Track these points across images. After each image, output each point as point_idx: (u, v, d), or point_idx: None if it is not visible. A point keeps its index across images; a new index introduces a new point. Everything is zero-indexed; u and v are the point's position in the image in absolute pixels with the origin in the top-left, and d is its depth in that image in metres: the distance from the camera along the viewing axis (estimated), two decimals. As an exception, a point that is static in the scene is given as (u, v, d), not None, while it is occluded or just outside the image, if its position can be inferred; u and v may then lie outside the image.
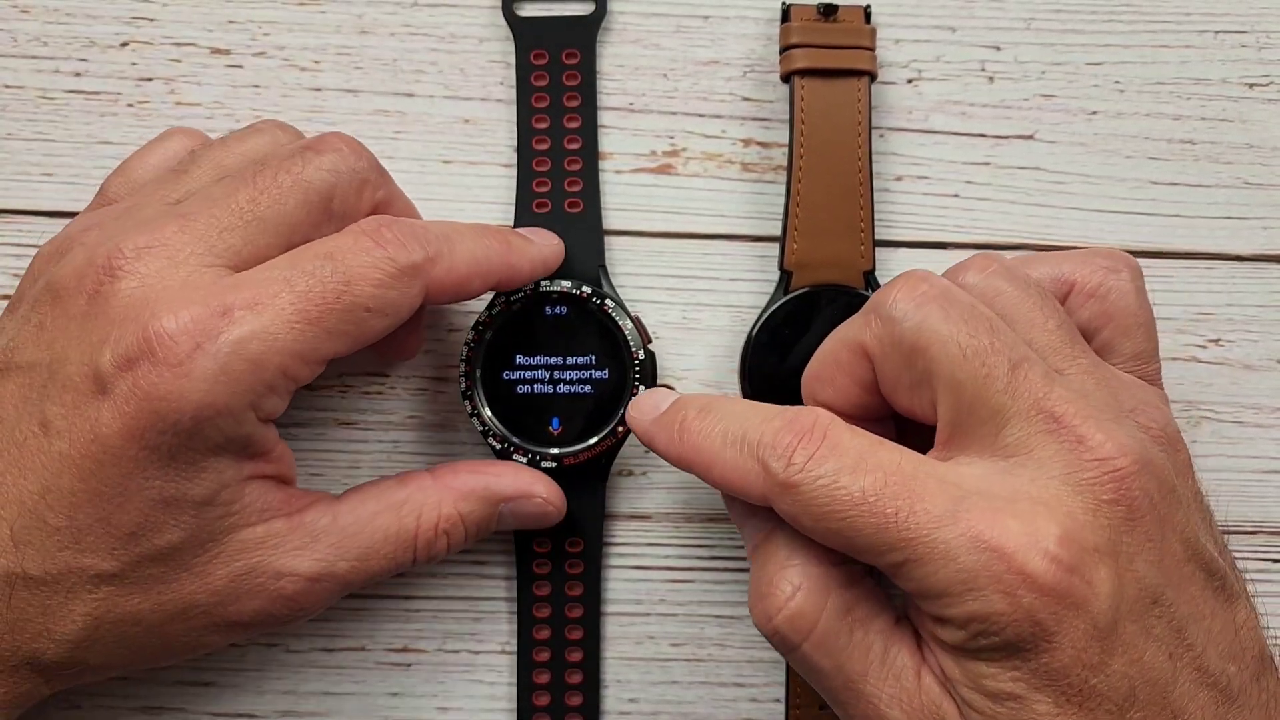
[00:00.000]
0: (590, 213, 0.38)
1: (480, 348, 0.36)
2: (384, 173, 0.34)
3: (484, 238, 0.34)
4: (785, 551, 0.31)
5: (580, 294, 0.36)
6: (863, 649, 0.30)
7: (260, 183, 0.32)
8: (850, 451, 0.29)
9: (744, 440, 0.30)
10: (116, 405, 0.29)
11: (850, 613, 0.30)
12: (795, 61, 0.37)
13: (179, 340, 0.29)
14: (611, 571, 0.38)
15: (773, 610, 0.30)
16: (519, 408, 0.36)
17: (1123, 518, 0.28)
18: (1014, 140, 0.39)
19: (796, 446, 0.29)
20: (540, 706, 0.37)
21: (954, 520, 0.28)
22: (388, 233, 0.32)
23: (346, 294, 0.31)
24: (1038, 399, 0.29)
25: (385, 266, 0.31)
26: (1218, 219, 0.39)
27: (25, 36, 0.39)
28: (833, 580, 0.30)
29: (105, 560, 0.30)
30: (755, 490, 0.30)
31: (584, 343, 0.37)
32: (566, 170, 0.38)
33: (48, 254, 0.33)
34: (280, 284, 0.30)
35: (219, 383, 0.29)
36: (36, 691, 0.32)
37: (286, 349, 0.30)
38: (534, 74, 0.38)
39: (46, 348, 0.31)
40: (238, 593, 0.32)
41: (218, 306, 0.30)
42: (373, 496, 0.34)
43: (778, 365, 0.37)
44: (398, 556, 0.34)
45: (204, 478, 0.30)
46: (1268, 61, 0.40)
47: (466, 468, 0.35)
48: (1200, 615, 0.29)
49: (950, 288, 0.31)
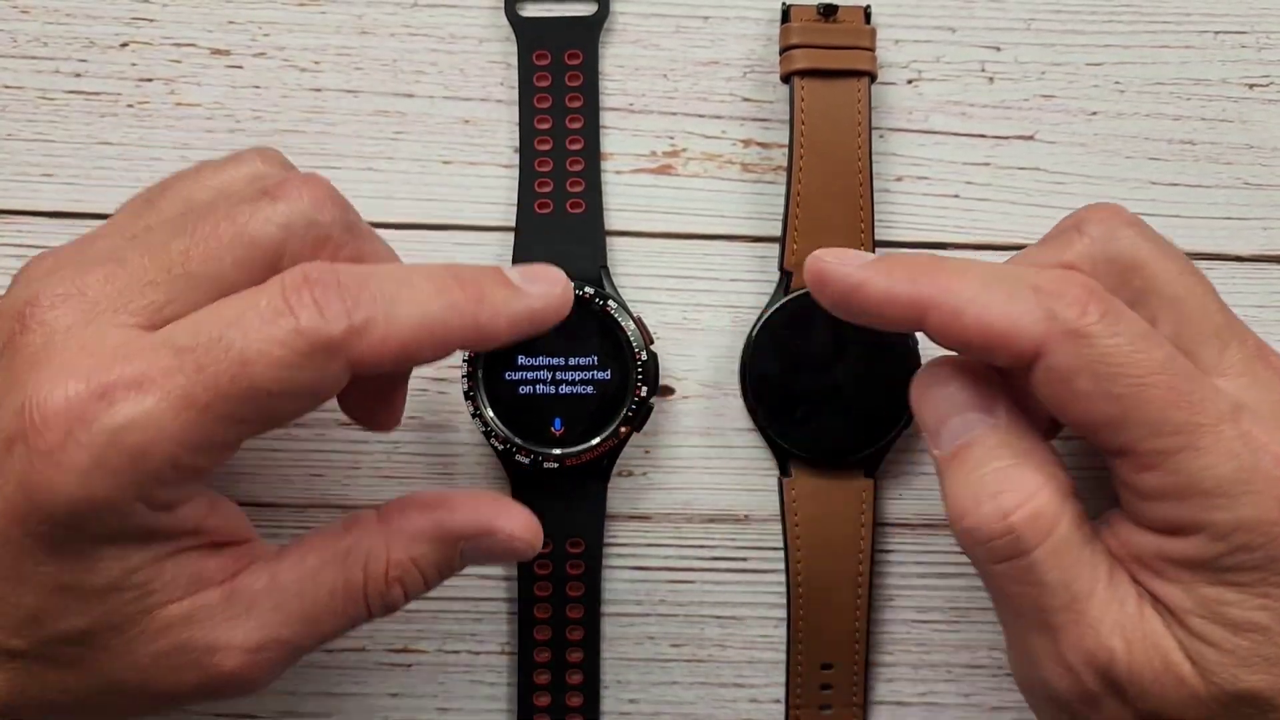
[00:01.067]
0: (592, 213, 0.38)
1: None
2: (354, 229, 0.29)
3: (448, 291, 0.28)
4: (1011, 451, 0.28)
5: (583, 295, 0.36)
6: (1092, 566, 0.28)
7: (198, 233, 0.28)
8: (1138, 322, 0.27)
9: (1020, 280, 0.27)
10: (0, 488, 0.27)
11: (1083, 525, 0.28)
12: (795, 62, 0.37)
13: (52, 424, 0.26)
14: (612, 572, 0.38)
15: (1010, 506, 0.28)
16: (521, 408, 0.36)
17: None
18: (1014, 141, 0.39)
19: (1090, 299, 0.27)
20: (540, 707, 0.38)
21: (1234, 420, 0.27)
22: (306, 294, 0.26)
23: (243, 375, 0.26)
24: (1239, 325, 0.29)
25: (293, 343, 0.26)
26: (1218, 219, 0.39)
27: (25, 37, 0.39)
28: (1069, 490, 0.28)
29: (12, 638, 0.28)
30: (1026, 336, 0.27)
31: (586, 343, 0.37)
32: (569, 171, 0.38)
33: (15, 275, 0.30)
34: (171, 359, 0.26)
35: (92, 476, 0.26)
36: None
37: (174, 438, 0.26)
38: (536, 74, 0.38)
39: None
40: (170, 669, 0.28)
41: (98, 385, 0.26)
42: (315, 549, 0.30)
43: (778, 366, 0.37)
44: (349, 612, 0.30)
45: (102, 567, 0.27)
46: (1268, 62, 0.40)
47: (418, 504, 0.30)
48: None
49: None
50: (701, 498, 0.39)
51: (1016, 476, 0.28)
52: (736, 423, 0.39)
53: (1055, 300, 0.27)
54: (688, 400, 0.39)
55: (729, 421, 0.39)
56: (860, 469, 0.37)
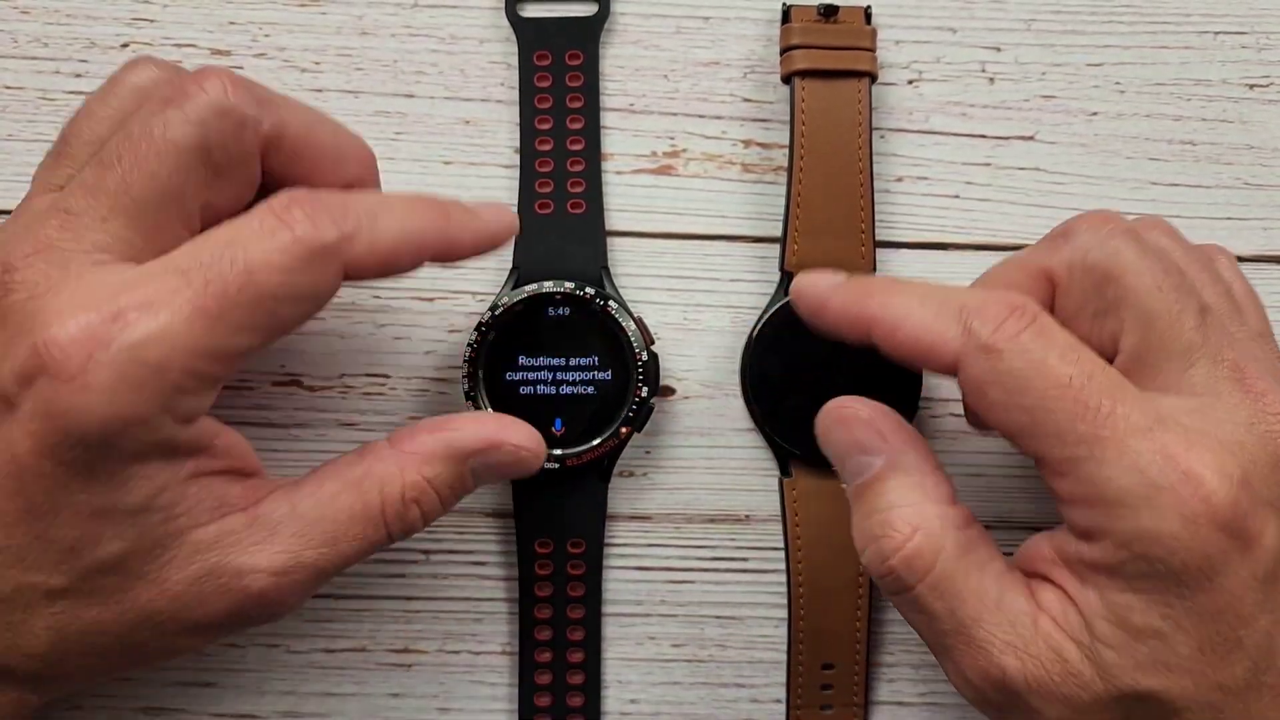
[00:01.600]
0: (593, 213, 0.38)
1: (483, 348, 0.36)
2: (267, 101, 0.31)
3: (419, 209, 0.31)
4: (901, 489, 0.30)
5: (583, 295, 0.36)
6: (978, 592, 0.29)
7: (125, 159, 0.29)
8: (1060, 340, 0.29)
9: (946, 301, 0.30)
10: (23, 424, 0.28)
11: (967, 555, 0.30)
12: (796, 62, 0.37)
13: (71, 352, 0.27)
14: (613, 572, 0.38)
15: (889, 550, 0.30)
16: (522, 408, 0.36)
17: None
18: (1014, 141, 0.39)
19: (1007, 317, 0.29)
20: (542, 707, 0.38)
21: (1149, 434, 0.27)
22: (297, 210, 0.29)
23: (250, 284, 0.28)
24: (1223, 345, 0.29)
25: (293, 250, 0.28)
26: (1218, 219, 0.39)
27: (26, 37, 0.39)
28: (950, 520, 0.30)
29: (53, 576, 0.29)
30: (947, 349, 0.29)
31: (587, 344, 0.37)
32: (569, 171, 0.38)
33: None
34: (176, 278, 0.28)
35: (119, 392, 0.27)
36: (25, 701, 0.31)
37: (189, 348, 0.28)
38: (537, 75, 0.38)
39: None
40: (201, 595, 0.30)
41: (109, 310, 0.27)
42: (331, 476, 0.31)
43: (779, 366, 0.37)
44: (369, 536, 0.31)
45: (134, 485, 0.28)
46: (1268, 62, 0.40)
47: (426, 427, 0.32)
48: None
49: (1139, 230, 0.31)
50: (702, 498, 0.39)
51: (896, 520, 0.30)
52: (737, 423, 0.39)
53: (975, 316, 0.29)
54: (688, 400, 0.39)
55: (729, 421, 0.39)
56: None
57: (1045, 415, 0.28)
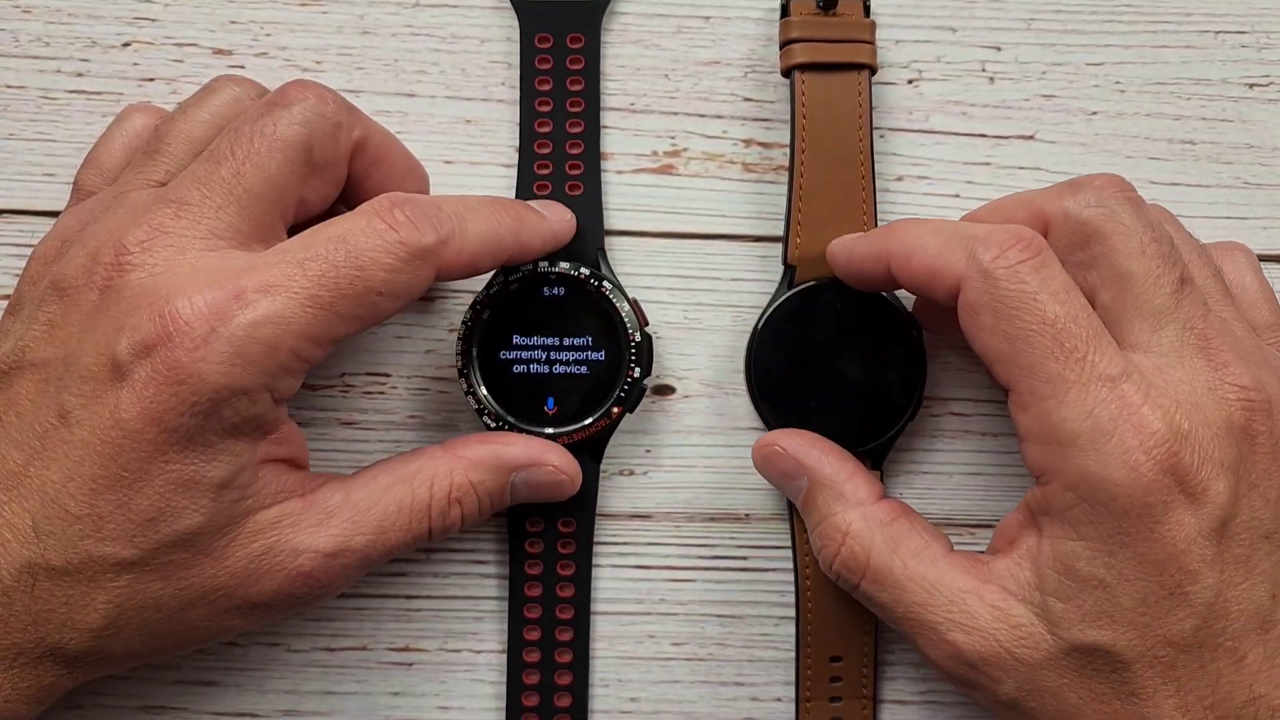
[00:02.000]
0: (590, 195, 0.38)
1: (478, 327, 0.36)
2: (354, 110, 0.34)
3: (496, 213, 0.34)
4: (829, 502, 0.34)
5: (578, 275, 0.36)
6: (916, 578, 0.32)
7: (238, 153, 0.32)
8: (1056, 278, 0.30)
9: (957, 232, 0.32)
10: (135, 390, 0.30)
11: (899, 546, 0.32)
12: (795, 56, 0.37)
13: (195, 324, 0.30)
14: (613, 570, 0.38)
15: (829, 557, 0.33)
16: (515, 387, 0.37)
17: (1248, 446, 0.29)
18: (1014, 140, 0.39)
19: (1012, 247, 0.30)
20: (529, 707, 0.37)
21: (1113, 383, 0.29)
22: (400, 214, 0.32)
23: (359, 278, 0.31)
24: (1195, 317, 0.31)
25: (398, 251, 0.31)
26: (1218, 219, 0.39)
27: (27, 37, 0.39)
28: (874, 519, 0.33)
29: (125, 548, 0.30)
30: (951, 273, 0.31)
31: (581, 324, 0.37)
32: (568, 153, 0.38)
33: (43, 255, 0.34)
34: (294, 267, 0.31)
35: (235, 364, 0.30)
36: (59, 684, 0.32)
37: (300, 331, 0.30)
38: (538, 57, 0.38)
39: (60, 344, 0.31)
40: (257, 573, 0.32)
41: (232, 290, 0.30)
42: (384, 470, 0.34)
43: (783, 360, 0.37)
44: (413, 528, 0.34)
45: (221, 460, 0.31)
46: (1268, 61, 0.40)
47: (477, 438, 0.35)
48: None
49: (1142, 200, 0.32)
50: (702, 497, 0.39)
51: (828, 529, 0.34)
52: (738, 421, 0.39)
53: (980, 245, 0.31)
54: (689, 400, 0.39)
55: (730, 420, 0.39)
56: (867, 461, 0.37)
57: (1024, 346, 0.30)
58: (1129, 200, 0.32)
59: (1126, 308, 0.31)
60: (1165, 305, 0.31)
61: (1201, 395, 0.30)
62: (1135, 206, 0.32)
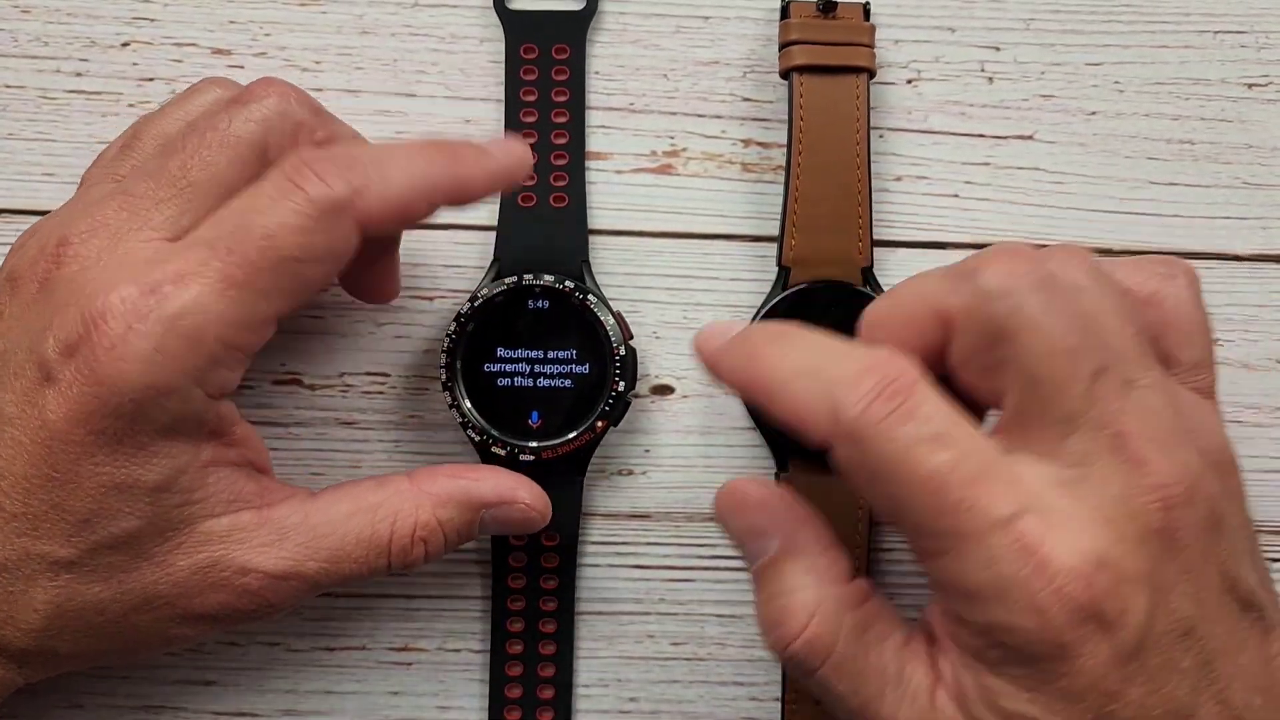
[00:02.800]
0: (575, 207, 0.38)
1: (461, 339, 0.36)
2: (322, 113, 0.33)
3: (425, 154, 0.32)
4: (796, 574, 0.30)
5: (563, 288, 0.36)
6: (878, 670, 0.29)
7: (189, 147, 0.31)
8: (932, 420, 0.27)
9: (818, 374, 0.28)
10: (60, 391, 0.29)
11: (865, 633, 0.29)
12: (794, 58, 0.37)
13: (112, 323, 0.29)
14: (612, 570, 0.39)
15: (789, 637, 0.29)
16: (499, 400, 0.37)
17: (1167, 548, 0.27)
18: (1013, 140, 0.39)
19: (877, 396, 0.27)
20: (512, 699, 0.37)
21: (1009, 525, 0.27)
22: (307, 170, 0.30)
23: (270, 249, 0.29)
24: (1110, 412, 0.28)
25: (306, 209, 0.30)
26: (1217, 219, 0.39)
27: (26, 36, 0.39)
28: (845, 601, 0.30)
29: (62, 547, 0.30)
30: (819, 430, 0.28)
31: (565, 337, 0.37)
32: (553, 165, 0.38)
33: (14, 246, 0.33)
34: (203, 251, 0.30)
35: (155, 362, 0.29)
36: (9, 679, 0.31)
37: (221, 318, 0.29)
38: (523, 68, 0.38)
39: (3, 337, 0.31)
40: (201, 585, 0.31)
41: (147, 284, 0.29)
42: (348, 497, 0.33)
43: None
44: (370, 561, 0.33)
45: (156, 462, 0.30)
46: (1267, 61, 0.40)
47: (446, 472, 0.34)
48: (1231, 649, 0.28)
49: (1053, 272, 0.29)
50: (701, 496, 0.39)
51: (793, 606, 0.30)
52: (736, 421, 0.39)
53: (844, 393, 0.27)
54: (687, 400, 0.39)
55: (728, 420, 0.39)
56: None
57: (908, 507, 0.27)
58: (1038, 284, 0.28)
59: (1034, 415, 0.28)
60: (1076, 408, 0.28)
61: (1112, 507, 0.27)
62: (1046, 291, 0.28)
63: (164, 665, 0.38)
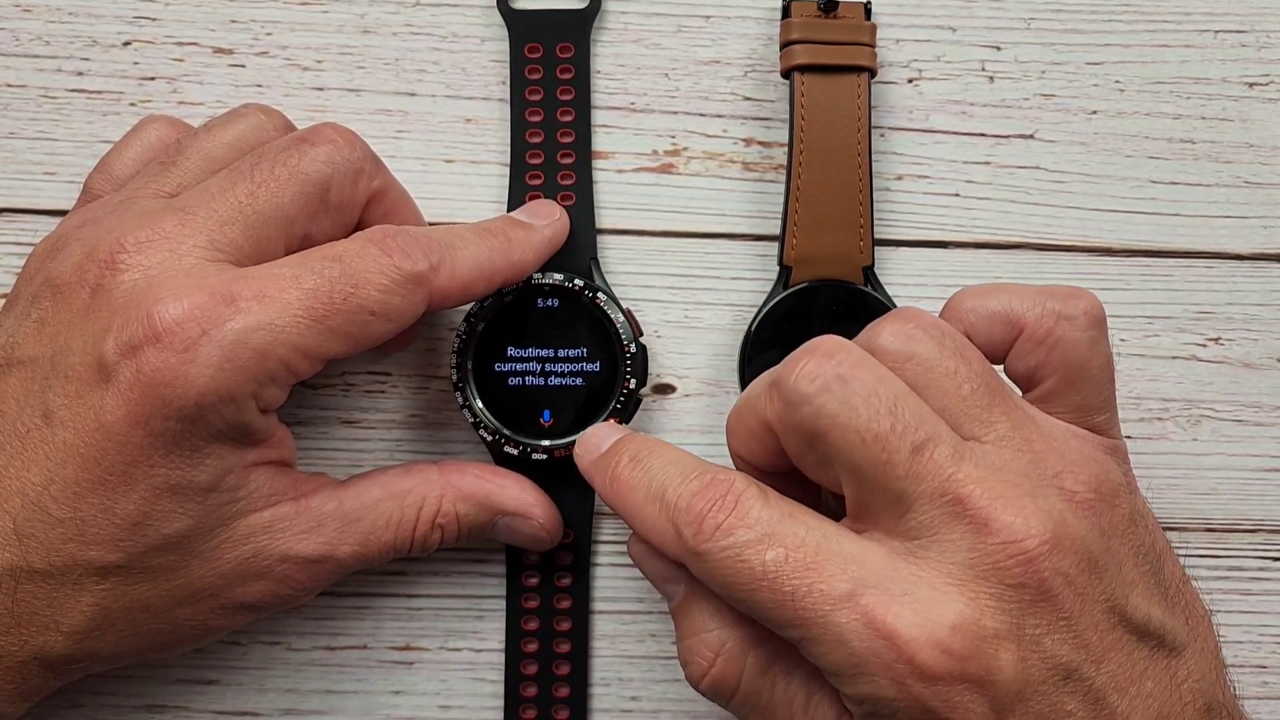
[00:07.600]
0: (583, 206, 0.38)
1: (472, 339, 0.37)
2: (378, 162, 0.35)
3: (486, 240, 0.34)
4: (702, 616, 0.31)
5: (572, 287, 0.36)
6: (785, 702, 0.30)
7: (257, 176, 0.32)
8: (759, 524, 0.29)
9: (663, 499, 0.30)
10: (120, 391, 0.30)
11: (770, 668, 0.30)
12: (795, 57, 0.37)
13: (185, 326, 0.30)
14: (614, 569, 0.39)
15: (697, 676, 0.31)
16: (510, 399, 0.37)
17: (1030, 600, 0.28)
18: (1014, 140, 0.39)
19: (707, 514, 0.29)
20: (527, 698, 0.38)
21: (850, 603, 0.27)
22: (393, 242, 0.32)
23: (353, 296, 0.31)
24: (942, 481, 0.28)
25: (391, 273, 0.32)
26: (1217, 218, 0.39)
27: (27, 35, 0.39)
28: (750, 639, 0.30)
29: (110, 552, 0.30)
30: (670, 552, 0.30)
31: (575, 335, 0.37)
32: (559, 164, 0.38)
33: (43, 252, 0.33)
34: (288, 280, 0.31)
35: (223, 369, 0.30)
36: (45, 685, 0.32)
37: (290, 342, 0.30)
38: (527, 67, 0.38)
39: (48, 342, 0.31)
40: (244, 575, 0.32)
41: (224, 295, 0.30)
42: (378, 484, 0.34)
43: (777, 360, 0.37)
44: (395, 544, 0.34)
45: (207, 464, 0.31)
46: (1268, 61, 0.40)
47: (474, 470, 0.36)
48: (1127, 681, 0.28)
49: (855, 364, 0.29)
50: (703, 496, 0.39)
51: (698, 647, 0.31)
52: (738, 421, 0.39)
53: (681, 517, 0.29)
54: (689, 398, 0.39)
55: (730, 419, 0.39)
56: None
57: (757, 607, 0.28)
58: (837, 380, 0.29)
59: (869, 500, 0.29)
60: (903, 487, 0.28)
61: (961, 571, 0.28)
62: (843, 383, 0.29)
63: (165, 664, 0.38)
